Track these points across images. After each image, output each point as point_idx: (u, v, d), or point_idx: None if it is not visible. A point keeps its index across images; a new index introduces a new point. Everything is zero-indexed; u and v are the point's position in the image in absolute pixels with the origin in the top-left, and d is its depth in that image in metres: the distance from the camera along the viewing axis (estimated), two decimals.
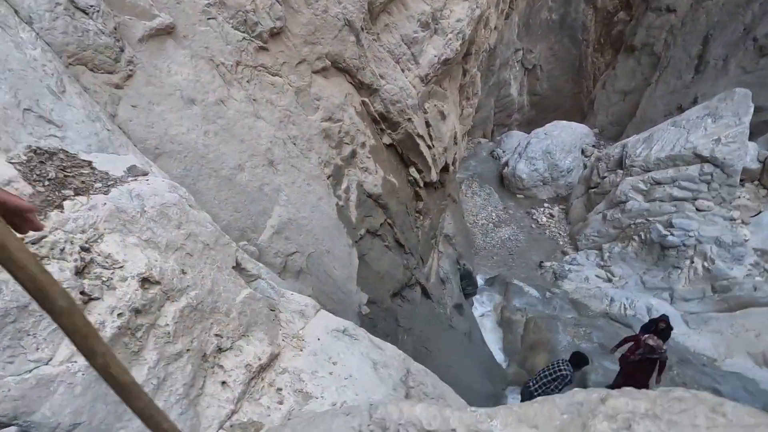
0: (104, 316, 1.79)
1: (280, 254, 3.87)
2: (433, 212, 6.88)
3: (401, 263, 5.53)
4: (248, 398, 2.30)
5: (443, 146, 6.52)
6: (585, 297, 11.72)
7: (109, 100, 2.79)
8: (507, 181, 19.10)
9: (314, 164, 4.47)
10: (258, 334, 2.60)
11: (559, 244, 15.94)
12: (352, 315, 4.46)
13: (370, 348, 3.03)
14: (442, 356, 5.70)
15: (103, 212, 2.00)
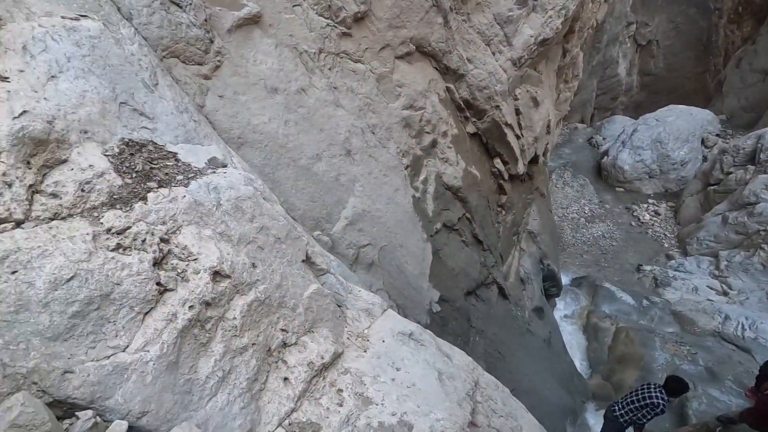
0: (177, 307, 1.84)
1: (353, 246, 3.84)
2: (517, 207, 6.40)
3: (478, 260, 5.23)
4: (308, 397, 2.29)
5: (534, 136, 5.97)
6: (692, 310, 10.26)
7: (198, 91, 2.90)
8: (605, 172, 17.31)
9: (392, 154, 4.33)
10: (323, 331, 2.58)
11: (664, 247, 14.13)
12: (422, 312, 4.32)
13: (437, 356, 2.87)
14: (517, 362, 5.34)
15: (183, 204, 2.07)
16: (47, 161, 1.81)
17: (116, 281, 1.70)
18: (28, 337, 1.46)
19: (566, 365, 7.03)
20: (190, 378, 1.84)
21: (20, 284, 1.48)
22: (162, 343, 1.74)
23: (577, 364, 8.77)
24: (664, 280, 12.08)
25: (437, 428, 2.36)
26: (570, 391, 6.45)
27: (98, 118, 2.06)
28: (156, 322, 1.78)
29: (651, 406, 4.59)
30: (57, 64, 1.99)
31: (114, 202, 1.90)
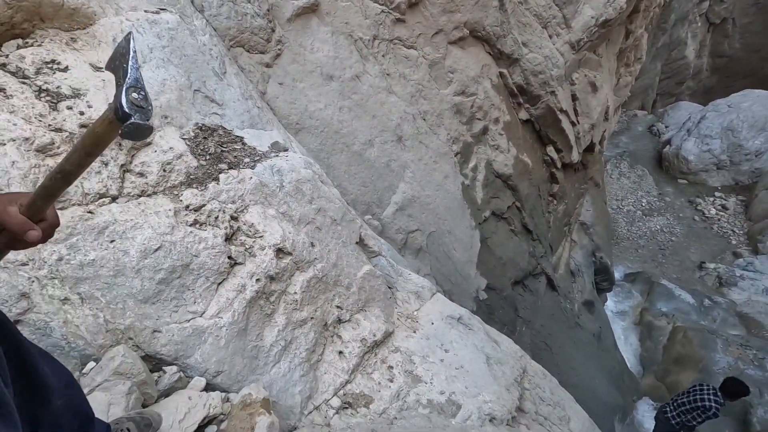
0: (245, 280, 2.00)
1: (402, 231, 3.91)
2: (569, 197, 6.18)
3: (527, 250, 5.14)
4: (361, 371, 2.40)
5: (590, 123, 5.72)
6: (760, 313, 9.50)
7: (260, 79, 3.05)
8: (667, 162, 16.20)
9: (442, 141, 4.33)
10: (375, 311, 2.68)
11: (731, 244, 13.10)
12: (468, 299, 4.34)
13: (485, 341, 2.90)
14: (565, 356, 5.22)
15: (250, 185, 2.22)
16: (135, 144, 2.00)
17: (194, 253, 1.87)
18: (124, 299, 1.65)
19: (616, 362, 6.78)
20: (257, 345, 2.00)
21: (117, 252, 1.68)
22: (233, 311, 1.90)
23: (629, 362, 8.43)
24: (729, 279, 11.24)
25: (485, 410, 2.40)
26: (620, 388, 6.22)
27: (176, 104, 2.24)
28: (228, 292, 1.94)
29: (702, 409, 4.33)
30: (141, 55, 2.18)
31: (191, 181, 2.08)
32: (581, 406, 5.05)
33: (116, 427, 1.29)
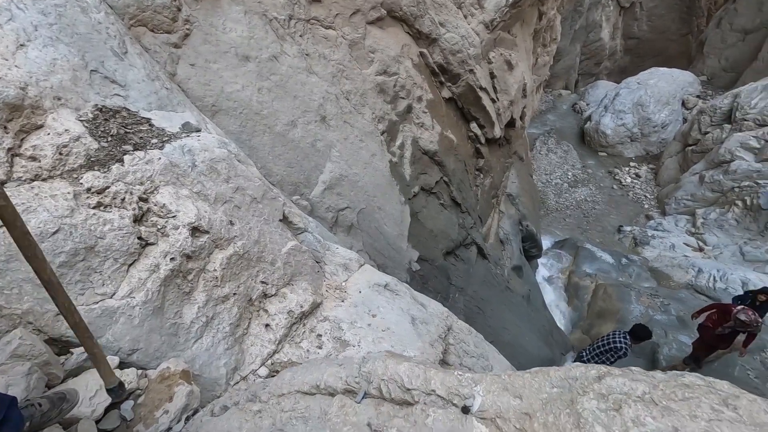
0: (159, 259, 1.99)
1: (332, 209, 3.99)
2: (495, 170, 6.57)
3: (457, 222, 5.43)
4: (289, 341, 2.49)
5: (509, 99, 6.08)
6: (667, 266, 10.71)
7: (169, 60, 2.96)
8: (588, 137, 17.51)
9: (368, 120, 4.43)
10: (302, 284, 2.76)
11: (644, 208, 14.53)
12: (402, 271, 4.53)
13: (411, 304, 3.08)
14: (497, 317, 5.62)
15: (159, 166, 2.19)
16: (24, 126, 1.90)
17: (99, 235, 1.84)
18: (20, 284, 1.60)
19: (545, 320, 7.38)
20: (176, 322, 2.01)
21: (8, 236, 1.61)
22: (146, 291, 1.90)
23: (560, 320, 9.19)
24: (643, 239, 12.51)
25: None
26: (549, 343, 6.80)
27: (70, 85, 2.14)
28: (140, 273, 1.93)
29: (614, 350, 4.90)
30: (25, 33, 2.05)
31: (92, 164, 2.02)
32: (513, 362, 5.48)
33: (27, 403, 1.32)
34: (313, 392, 1.26)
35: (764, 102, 11.73)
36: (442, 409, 0.96)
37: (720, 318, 5.81)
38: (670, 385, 0.83)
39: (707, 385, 0.82)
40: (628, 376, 0.88)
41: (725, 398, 0.77)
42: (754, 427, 0.70)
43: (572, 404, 0.85)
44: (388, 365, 1.14)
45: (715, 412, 0.74)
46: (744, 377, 6.64)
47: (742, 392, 0.81)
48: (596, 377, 0.91)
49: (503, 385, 0.98)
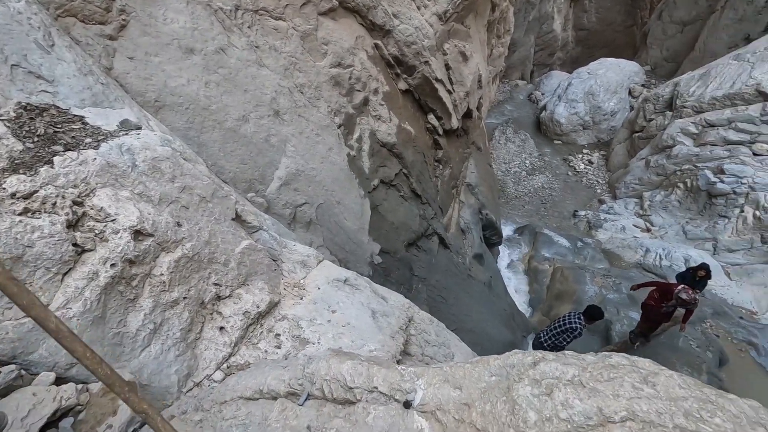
0: (97, 266, 1.88)
1: (289, 205, 3.92)
2: (454, 161, 6.66)
3: (417, 213, 5.48)
4: (246, 343, 2.43)
5: (465, 90, 6.16)
6: (619, 247, 11.32)
7: (104, 53, 2.77)
8: (544, 126, 18.10)
9: (323, 113, 4.36)
10: (258, 283, 2.69)
11: (597, 193, 15.24)
12: (363, 265, 4.53)
13: (371, 298, 3.08)
14: (459, 305, 5.75)
15: (94, 167, 2.05)
16: None
17: (27, 244, 1.71)
18: None
19: (507, 305, 7.63)
20: (119, 332, 1.91)
21: None
22: (85, 300, 1.79)
23: (522, 304, 9.52)
24: (596, 222, 13.13)
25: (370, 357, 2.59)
26: (511, 327, 7.04)
27: None
28: (76, 281, 1.81)
29: (570, 330, 5.14)
30: None
31: (16, 167, 1.86)
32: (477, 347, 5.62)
33: None
34: (257, 397, 1.24)
35: (701, 90, 12.52)
36: (384, 406, 0.97)
37: (661, 296, 6.18)
38: (598, 367, 0.87)
39: (631, 364, 0.87)
40: (561, 361, 0.92)
41: (646, 376, 0.82)
42: (669, 402, 0.75)
43: (509, 391, 0.87)
44: (332, 365, 1.13)
45: (635, 390, 0.79)
46: (687, 347, 7.16)
47: (662, 369, 0.86)
48: (532, 363, 0.94)
49: (444, 377, 0.99)
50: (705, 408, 0.76)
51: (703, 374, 6.66)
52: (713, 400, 0.77)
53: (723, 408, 0.75)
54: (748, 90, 11.39)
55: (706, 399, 0.77)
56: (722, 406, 0.76)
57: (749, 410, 0.75)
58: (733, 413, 0.75)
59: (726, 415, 0.75)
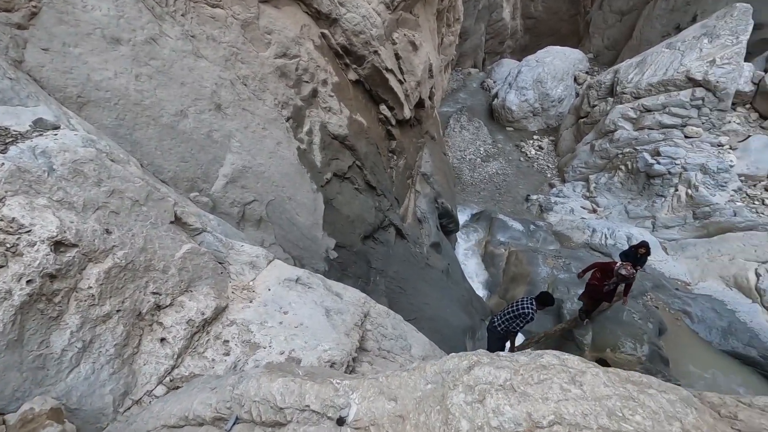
0: (10, 284, 1.70)
1: (237, 204, 3.76)
2: (408, 151, 6.67)
3: (373, 205, 5.44)
4: (191, 353, 2.31)
5: (416, 80, 6.15)
6: (568, 229, 11.87)
7: (12, 44, 2.50)
8: (496, 113, 18.53)
9: (270, 106, 4.20)
10: (203, 289, 2.56)
11: (547, 177, 15.85)
12: (319, 260, 4.45)
13: (325, 295, 3.03)
14: (418, 294, 5.82)
15: (2, 173, 1.85)
16: None
17: None
18: None
19: (465, 291, 7.81)
20: (42, 354, 1.75)
21: None
22: None
23: (480, 289, 9.79)
24: (547, 206, 13.69)
25: (325, 357, 2.54)
26: (469, 312, 7.23)
27: None
28: None
29: (522, 316, 5.31)
30: None
31: None
32: (436, 335, 5.71)
33: None
34: (182, 424, 1.16)
35: (638, 77, 13.24)
36: (315, 426, 0.93)
37: (603, 276, 6.54)
38: (529, 369, 0.88)
39: (561, 364, 0.88)
40: (495, 364, 0.92)
41: (574, 375, 0.83)
42: (595, 402, 0.77)
43: (443, 400, 0.86)
44: (262, 384, 1.07)
45: (563, 392, 0.80)
46: (630, 320, 7.66)
47: (589, 367, 0.88)
48: (467, 368, 0.93)
49: (380, 388, 0.97)
50: (627, 406, 0.78)
51: (645, 344, 7.17)
52: (635, 397, 0.79)
53: (643, 404, 0.78)
54: (679, 77, 12.17)
55: (629, 396, 0.79)
56: (643, 403, 0.78)
57: (667, 404, 0.78)
58: (653, 409, 0.78)
59: (646, 411, 0.77)
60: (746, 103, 13.00)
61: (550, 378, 0.83)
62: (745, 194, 11.44)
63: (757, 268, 9.06)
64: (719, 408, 1.04)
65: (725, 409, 1.02)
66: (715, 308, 8.65)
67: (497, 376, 0.88)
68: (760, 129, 12.57)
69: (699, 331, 8.40)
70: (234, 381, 1.13)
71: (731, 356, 8.01)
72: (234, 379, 1.13)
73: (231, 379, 1.13)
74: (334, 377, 1.08)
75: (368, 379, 1.01)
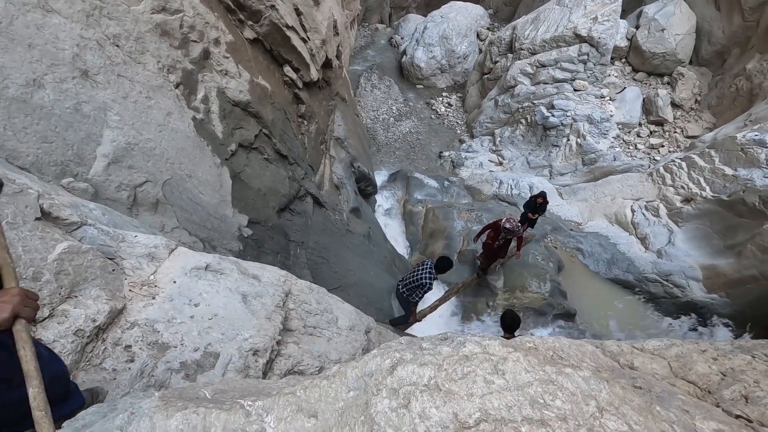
0: None
1: (125, 187, 3.29)
2: (319, 115, 6.37)
3: (286, 175, 5.16)
4: (85, 366, 2.02)
5: (321, 38, 5.78)
6: (479, 182, 12.57)
7: None
8: (406, 71, 18.50)
9: (153, 71, 3.66)
10: (91, 292, 2.22)
11: (457, 133, 16.46)
12: (232, 240, 4.16)
13: (240, 280, 2.83)
14: (341, 262, 5.79)
15: None
16: None
17: None
18: None
19: (387, 252, 7.98)
20: None
21: None
22: None
23: (402, 248, 10.08)
24: (459, 161, 14.30)
25: (246, 347, 2.40)
26: (392, 272, 7.43)
27: None
28: None
29: (420, 287, 5.46)
30: None
31: None
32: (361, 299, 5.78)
33: None
34: None
35: (533, 33, 13.98)
36: None
37: (495, 234, 7.02)
38: (453, 362, 0.86)
39: (483, 352, 0.88)
40: (418, 360, 0.88)
41: (496, 364, 0.83)
42: (518, 391, 0.78)
43: (366, 408, 0.81)
44: (157, 423, 0.93)
45: (487, 384, 0.79)
46: (535, 262, 8.48)
47: (510, 352, 0.89)
48: (390, 368, 0.89)
49: (298, 404, 0.88)
50: (548, 391, 0.80)
51: (547, 282, 8.03)
52: (554, 380, 0.82)
53: (562, 387, 0.81)
54: (568, 33, 13.08)
55: (548, 379, 0.82)
56: (561, 385, 0.81)
57: (582, 383, 0.82)
58: (570, 390, 0.82)
59: (564, 394, 0.81)
60: (622, 58, 14.49)
61: (473, 370, 0.82)
62: (622, 140, 13.00)
63: (632, 204, 10.49)
64: (618, 357, 1.14)
65: (623, 357, 1.12)
66: (601, 243, 9.93)
67: (421, 375, 0.84)
68: (633, 81, 14.17)
69: (589, 264, 9.62)
70: (122, 422, 0.97)
71: (614, 282, 9.35)
72: (122, 419, 0.97)
73: (118, 420, 0.96)
74: (246, 396, 0.96)
75: (284, 396, 0.92)
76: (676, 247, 9.24)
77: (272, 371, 2.53)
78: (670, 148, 12.68)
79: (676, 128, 13.05)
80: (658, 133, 13.16)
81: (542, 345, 1.00)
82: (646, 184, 10.79)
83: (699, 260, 8.95)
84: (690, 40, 13.62)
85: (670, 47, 13.36)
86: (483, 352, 0.87)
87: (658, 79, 14.03)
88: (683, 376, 1.02)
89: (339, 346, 3.07)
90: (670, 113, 13.14)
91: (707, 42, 13.47)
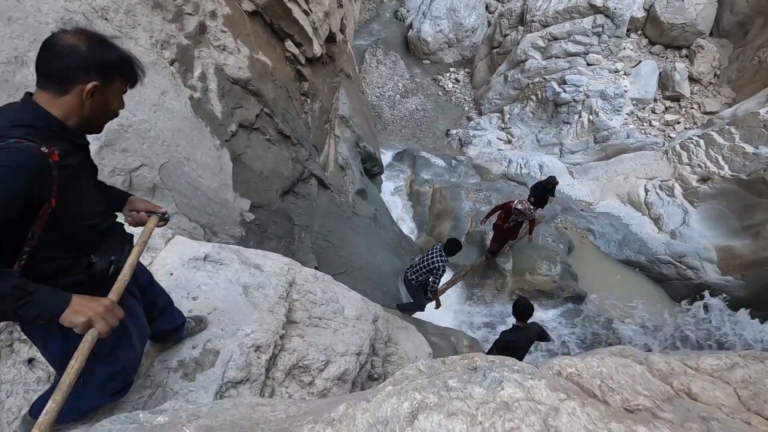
0: None
1: (120, 171, 3.13)
2: (323, 93, 6.11)
3: (289, 157, 4.97)
4: None
5: (323, 10, 5.47)
6: (487, 161, 12.28)
7: None
8: (412, 45, 17.90)
9: (145, 47, 3.44)
10: None
11: (465, 110, 16.02)
12: (234, 225, 4.01)
13: (241, 270, 2.69)
14: (347, 245, 5.65)
15: None
16: None
17: None
18: None
19: (394, 234, 7.83)
20: None
21: None
22: None
23: (408, 229, 9.92)
24: (466, 139, 13.96)
25: (247, 343, 2.28)
26: (399, 254, 7.29)
27: None
28: None
29: (435, 270, 5.29)
30: None
31: None
32: (368, 283, 5.65)
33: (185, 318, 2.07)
34: None
35: (545, 4, 13.36)
36: None
37: (505, 215, 6.81)
38: (489, 411, 0.70)
39: (527, 398, 0.71)
40: (444, 408, 0.72)
41: (545, 418, 0.67)
42: None
43: None
44: None
45: None
46: (545, 244, 8.31)
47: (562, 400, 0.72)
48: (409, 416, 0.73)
49: None
50: None
51: (558, 264, 7.87)
52: None
53: None
54: (582, 3, 12.48)
55: None
56: None
57: None
58: None
59: None
60: (638, 29, 13.85)
61: (517, 426, 0.66)
62: (636, 117, 12.56)
63: (645, 184, 10.18)
64: (670, 379, 0.98)
65: (676, 380, 0.96)
66: (613, 223, 9.69)
67: (451, 428, 0.68)
68: (649, 54, 13.59)
69: (600, 245, 9.42)
70: None
71: (625, 263, 9.17)
72: None
73: None
74: None
75: None
76: (690, 228, 8.99)
77: (276, 367, 2.41)
78: (686, 124, 12.24)
79: (693, 104, 12.57)
80: (674, 109, 12.69)
81: (586, 371, 0.84)
82: (660, 162, 10.46)
83: (714, 241, 8.71)
84: (711, 9, 12.96)
85: (690, 17, 12.73)
86: (526, 399, 0.71)
87: (676, 52, 13.44)
88: (758, 410, 0.87)
89: (346, 337, 2.94)
90: (688, 88, 12.63)
91: (729, 12, 12.81)
